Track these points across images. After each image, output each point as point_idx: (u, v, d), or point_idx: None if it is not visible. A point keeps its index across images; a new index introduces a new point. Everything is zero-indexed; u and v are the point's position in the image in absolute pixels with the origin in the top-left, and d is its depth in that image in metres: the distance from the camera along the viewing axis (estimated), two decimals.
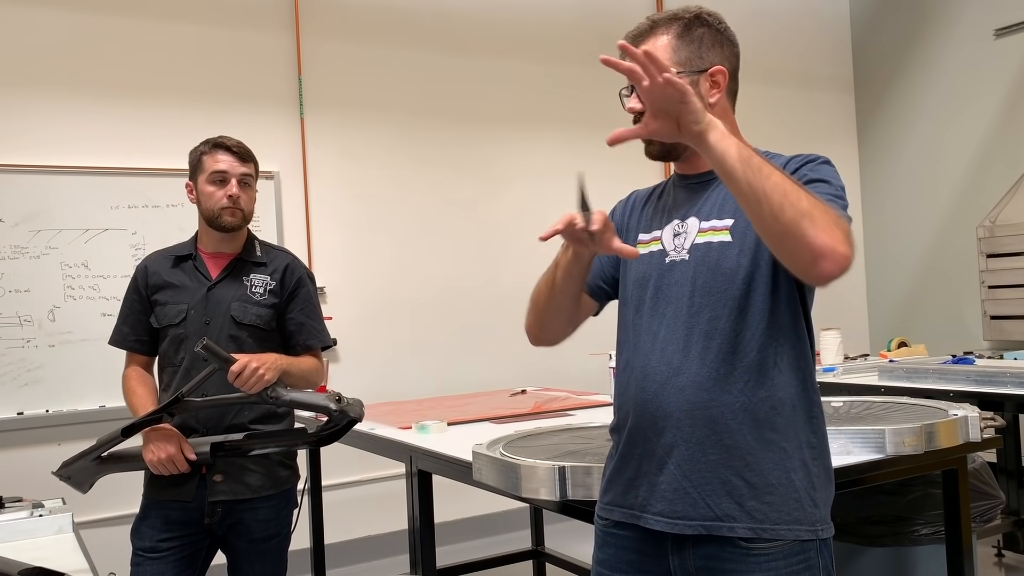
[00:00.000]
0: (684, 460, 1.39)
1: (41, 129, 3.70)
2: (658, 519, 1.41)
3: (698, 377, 1.39)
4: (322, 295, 4.20)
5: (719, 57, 1.48)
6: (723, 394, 1.38)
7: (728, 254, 1.40)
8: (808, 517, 1.37)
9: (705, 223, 1.45)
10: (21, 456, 3.55)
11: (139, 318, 2.34)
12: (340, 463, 3.86)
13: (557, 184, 4.76)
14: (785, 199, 1.20)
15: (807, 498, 1.37)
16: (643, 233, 1.56)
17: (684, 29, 1.47)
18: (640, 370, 1.47)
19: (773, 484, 1.36)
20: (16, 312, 3.60)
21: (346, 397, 2.17)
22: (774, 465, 1.37)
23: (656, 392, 1.43)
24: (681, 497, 1.39)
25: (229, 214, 2.28)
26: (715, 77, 1.47)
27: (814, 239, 1.19)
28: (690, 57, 1.46)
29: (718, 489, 1.37)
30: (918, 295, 5.58)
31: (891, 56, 5.71)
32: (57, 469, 2.20)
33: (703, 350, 1.40)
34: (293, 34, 4.24)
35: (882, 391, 3.14)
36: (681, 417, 1.40)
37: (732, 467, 1.37)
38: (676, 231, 1.49)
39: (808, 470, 1.39)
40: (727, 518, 1.36)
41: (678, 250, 1.47)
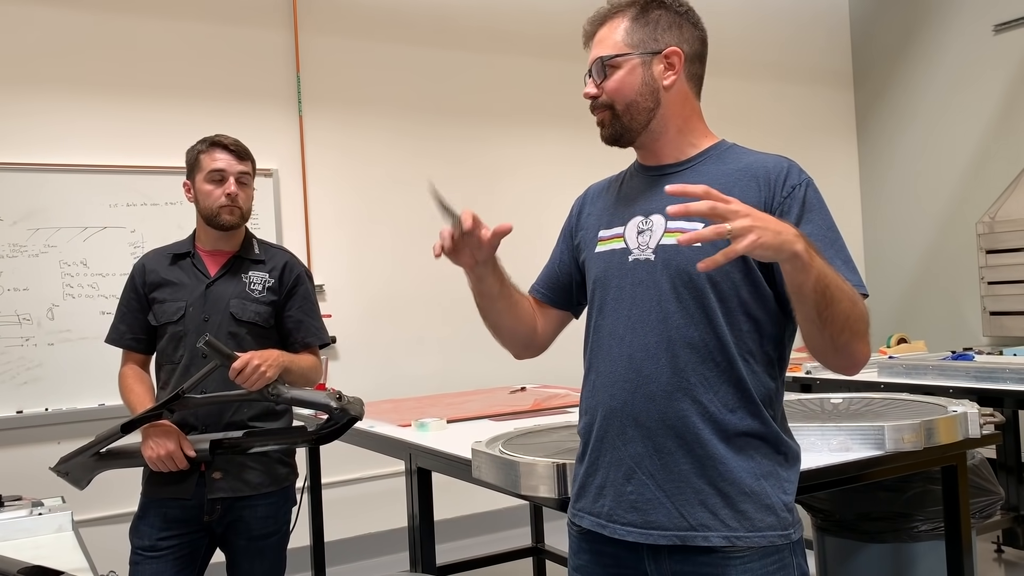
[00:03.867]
0: (656, 470, 1.38)
1: (39, 127, 3.70)
2: (630, 529, 1.39)
3: (668, 386, 1.37)
4: (321, 293, 4.19)
5: (676, 39, 1.44)
6: (693, 404, 1.36)
7: (695, 259, 1.32)
8: (781, 522, 1.36)
9: (672, 223, 1.40)
10: (20, 454, 3.55)
11: (136, 316, 2.33)
12: (339, 460, 3.86)
13: (557, 180, 4.76)
14: (846, 325, 1.27)
15: (779, 503, 1.37)
16: (604, 229, 1.52)
17: (640, 12, 1.45)
18: (607, 376, 1.45)
19: (746, 492, 1.35)
20: (15, 310, 3.60)
21: (346, 395, 2.17)
22: (746, 473, 1.35)
23: (625, 400, 1.41)
24: (654, 507, 1.38)
25: (227, 212, 2.28)
26: (670, 59, 1.44)
27: (858, 354, 1.32)
28: (643, 39, 1.44)
29: (691, 499, 1.36)
30: (917, 291, 5.58)
31: (890, 51, 5.71)
32: (55, 464, 2.20)
33: (672, 357, 1.37)
34: (291, 32, 4.23)
35: (881, 387, 3.14)
36: (652, 427, 1.38)
37: (705, 476, 1.36)
38: (640, 228, 1.45)
39: (779, 476, 1.38)
40: (702, 527, 1.35)
41: (642, 248, 1.43)
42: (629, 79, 1.43)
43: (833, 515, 2.37)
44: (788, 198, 1.36)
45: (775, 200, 1.36)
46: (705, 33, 1.49)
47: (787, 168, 1.39)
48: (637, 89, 1.43)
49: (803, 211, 1.36)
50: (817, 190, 1.40)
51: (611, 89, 1.44)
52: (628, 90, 1.43)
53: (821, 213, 1.37)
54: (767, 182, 1.38)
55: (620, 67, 1.44)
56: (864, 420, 2.00)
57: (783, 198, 1.36)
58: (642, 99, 1.43)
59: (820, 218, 1.37)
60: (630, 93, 1.43)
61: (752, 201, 1.35)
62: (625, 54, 1.43)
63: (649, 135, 1.46)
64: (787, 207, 1.36)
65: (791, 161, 1.42)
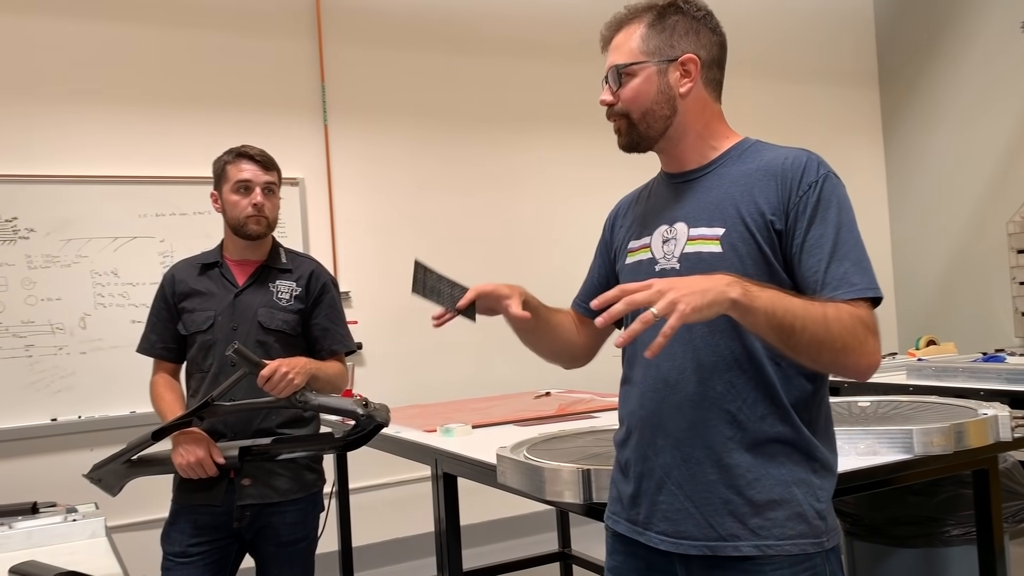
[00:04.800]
0: (684, 480, 1.37)
1: (71, 140, 3.76)
2: (662, 539, 1.39)
3: (694, 395, 1.37)
4: (347, 299, 4.22)
5: (693, 46, 1.43)
6: (720, 412, 1.35)
7: (719, 266, 1.34)
8: (813, 530, 1.34)
9: (694, 230, 1.40)
10: (55, 461, 3.61)
11: (166, 326, 2.37)
12: (366, 466, 3.88)
13: (580, 185, 4.76)
14: (822, 347, 1.24)
15: (811, 511, 1.35)
16: (633, 240, 1.53)
17: (657, 17, 1.44)
18: (638, 386, 1.45)
19: (775, 500, 1.33)
20: (49, 320, 3.66)
21: (372, 402, 2.18)
22: (775, 481, 1.34)
23: (653, 410, 1.41)
24: (684, 517, 1.37)
25: (254, 222, 2.31)
26: (686, 66, 1.42)
27: (853, 367, 1.27)
28: (660, 46, 1.42)
29: (720, 509, 1.35)
30: (947, 292, 5.51)
31: (916, 50, 5.65)
32: (88, 472, 2.24)
33: (698, 366, 1.37)
34: (316, 42, 4.27)
35: (911, 390, 3.10)
36: (679, 436, 1.38)
37: (733, 486, 1.34)
38: (665, 236, 1.45)
39: (811, 483, 1.36)
40: (731, 537, 1.34)
41: (668, 258, 1.43)
42: (645, 87, 1.42)
43: (862, 520, 2.35)
44: (803, 197, 1.34)
45: (791, 200, 1.35)
46: (723, 38, 1.48)
47: (805, 164, 1.37)
48: (653, 97, 1.42)
49: (816, 211, 1.34)
50: (836, 185, 1.37)
51: (627, 98, 1.44)
52: (644, 99, 1.43)
53: (836, 210, 1.34)
54: (784, 180, 1.36)
55: (636, 75, 1.43)
56: (892, 423, 1.98)
57: (798, 198, 1.35)
58: (658, 107, 1.43)
59: (833, 216, 1.34)
60: (646, 102, 1.43)
61: (772, 201, 1.35)
62: (641, 62, 1.43)
63: (668, 142, 1.46)
64: (801, 207, 1.34)
65: (811, 155, 1.39)
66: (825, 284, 1.30)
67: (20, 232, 3.64)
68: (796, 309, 1.23)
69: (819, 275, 1.31)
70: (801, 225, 1.34)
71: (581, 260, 1.66)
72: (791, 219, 1.34)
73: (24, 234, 3.64)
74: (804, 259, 1.33)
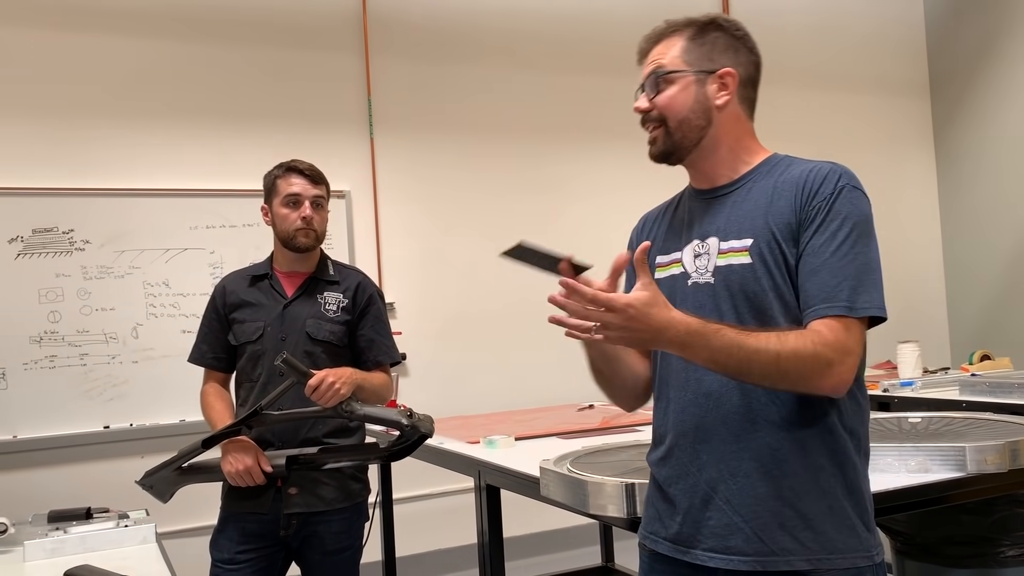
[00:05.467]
0: (733, 494, 1.36)
1: (124, 154, 3.86)
2: (711, 555, 1.37)
3: (740, 407, 1.36)
4: (392, 311, 4.26)
5: (732, 61, 1.44)
6: (767, 424, 1.34)
7: (750, 276, 1.35)
8: (864, 543, 1.33)
9: (724, 243, 1.40)
10: (107, 468, 3.70)
11: (217, 336, 2.42)
12: (410, 477, 3.90)
13: (624, 197, 4.75)
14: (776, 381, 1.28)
15: (860, 524, 1.34)
16: (661, 255, 1.52)
17: (698, 32, 1.46)
18: (677, 401, 1.44)
19: (827, 513, 1.32)
20: (103, 329, 3.75)
21: (417, 413, 2.20)
22: (825, 492, 1.33)
23: (696, 425, 1.40)
24: (733, 532, 1.35)
25: (303, 235, 2.35)
26: (724, 79, 1.43)
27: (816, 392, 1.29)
28: (699, 58, 1.44)
29: (771, 522, 1.33)
30: (1002, 305, 5.38)
31: (968, 59, 5.54)
32: (140, 479, 2.28)
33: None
34: (363, 57, 4.33)
35: (963, 406, 3.03)
36: (725, 450, 1.36)
37: (783, 498, 1.33)
38: (697, 251, 1.45)
39: (860, 495, 1.35)
40: (783, 552, 1.32)
41: (701, 272, 1.43)
42: (682, 95, 1.43)
43: (913, 538, 2.30)
44: (815, 207, 1.33)
45: (802, 211, 1.34)
46: (760, 59, 1.49)
47: (826, 175, 1.35)
48: (690, 106, 1.43)
49: (822, 221, 1.32)
50: (854, 198, 1.34)
51: (664, 104, 1.44)
52: (681, 106, 1.43)
53: (842, 222, 1.32)
54: (803, 189, 1.36)
55: (674, 83, 1.44)
56: (944, 440, 1.94)
57: (812, 207, 1.34)
58: (694, 116, 1.43)
59: (837, 227, 1.32)
60: (682, 109, 1.43)
61: (793, 209, 1.35)
62: (680, 70, 1.43)
63: (700, 153, 1.46)
64: (811, 216, 1.33)
65: (836, 167, 1.37)
66: (810, 295, 1.31)
67: (76, 244, 3.74)
68: (743, 355, 1.25)
69: (807, 285, 1.31)
70: (806, 234, 1.33)
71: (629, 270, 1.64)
72: (802, 228, 1.34)
73: (80, 246, 3.74)
74: (801, 267, 1.33)
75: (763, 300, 1.35)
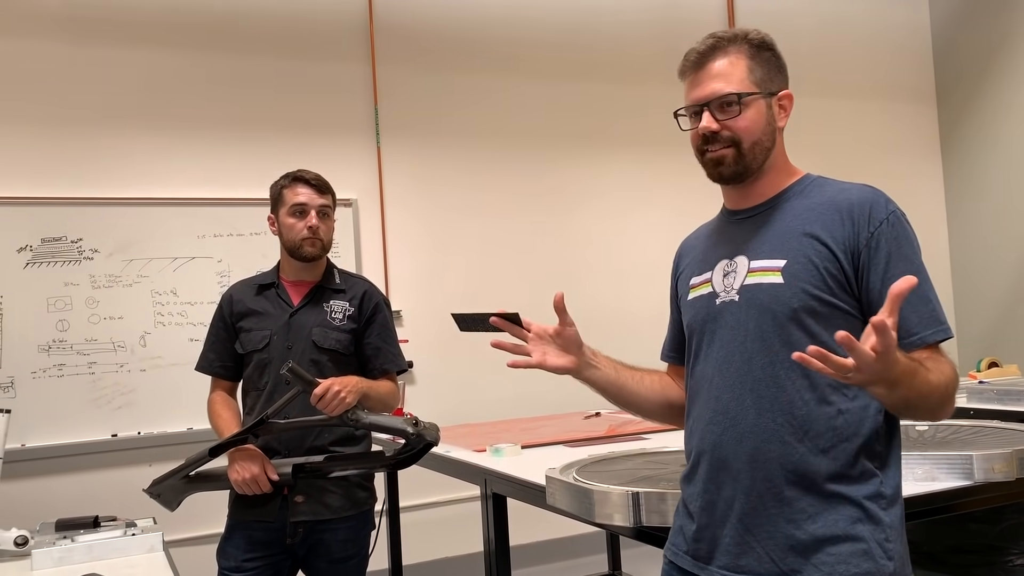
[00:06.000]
0: (745, 514, 1.36)
1: (132, 163, 3.88)
2: (725, 573, 1.38)
3: (755, 428, 1.36)
4: (398, 318, 4.27)
5: (784, 82, 1.46)
6: (781, 445, 1.34)
7: (779, 296, 1.35)
8: (880, 569, 1.30)
9: (755, 262, 1.40)
10: (115, 476, 3.71)
11: (224, 345, 2.43)
12: (416, 485, 3.90)
13: (628, 205, 4.75)
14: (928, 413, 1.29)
15: (878, 549, 1.31)
16: (695, 276, 1.53)
17: (756, 50, 1.44)
18: (700, 419, 1.45)
19: (839, 535, 1.31)
20: (111, 338, 3.77)
21: (423, 421, 2.20)
22: (839, 516, 1.31)
23: (715, 443, 1.41)
24: (746, 551, 1.36)
25: (309, 244, 2.36)
26: (782, 101, 1.45)
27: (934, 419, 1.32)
28: (763, 79, 1.43)
29: (782, 543, 1.33)
30: (1010, 313, 5.36)
31: (974, 65, 5.53)
32: (148, 487, 2.29)
33: (758, 399, 1.36)
34: (369, 65, 4.35)
35: (971, 414, 3.02)
36: (740, 469, 1.37)
37: (794, 520, 1.32)
38: (725, 270, 1.45)
39: (878, 519, 1.32)
40: (793, 573, 1.32)
41: (728, 291, 1.43)
42: (757, 117, 1.42)
43: (921, 547, 2.29)
44: (875, 233, 1.34)
45: (861, 236, 1.34)
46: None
47: (872, 200, 1.36)
48: (762, 128, 1.43)
49: (893, 248, 1.33)
50: (905, 223, 1.36)
51: (741, 127, 1.41)
52: (756, 128, 1.42)
53: (911, 248, 1.35)
54: (850, 216, 1.35)
55: (750, 105, 1.42)
56: (951, 448, 1.93)
57: (870, 233, 1.34)
58: (765, 138, 1.43)
59: (909, 253, 1.34)
60: (757, 131, 1.42)
61: (838, 236, 1.34)
62: (755, 93, 1.42)
63: (760, 173, 1.46)
64: (875, 244, 1.33)
65: (876, 191, 1.38)
66: (916, 323, 1.31)
67: (85, 253, 3.76)
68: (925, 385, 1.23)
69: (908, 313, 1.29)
70: (878, 262, 1.32)
71: (634, 279, 1.66)
72: (863, 256, 1.33)
73: (88, 255, 3.76)
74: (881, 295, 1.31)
75: (788, 321, 1.35)
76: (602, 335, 4.24)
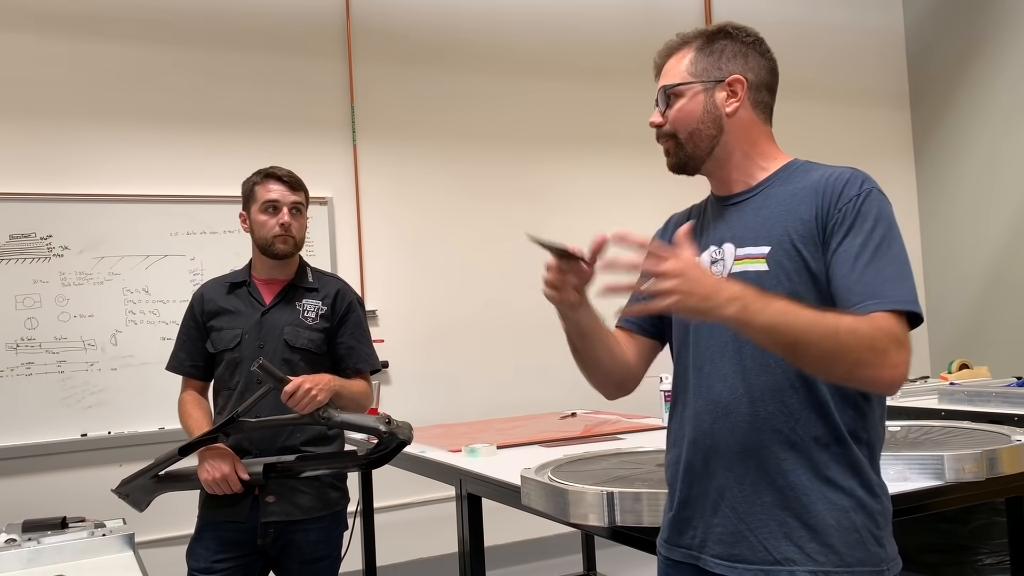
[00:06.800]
0: (738, 502, 1.36)
1: (104, 159, 3.83)
2: (717, 562, 1.38)
3: (747, 416, 1.36)
4: (373, 318, 4.25)
5: (741, 68, 1.45)
6: (774, 434, 1.34)
7: (765, 284, 1.34)
8: (873, 557, 1.32)
9: (741, 250, 1.41)
10: (84, 477, 3.65)
11: (195, 344, 2.40)
12: (391, 485, 3.88)
13: (606, 205, 4.76)
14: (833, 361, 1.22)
15: (870, 538, 1.32)
16: None
17: (706, 42, 1.47)
18: (690, 408, 1.45)
19: (832, 525, 1.31)
20: (81, 336, 3.72)
21: (395, 419, 2.19)
22: (832, 505, 1.32)
23: (706, 432, 1.40)
24: (739, 540, 1.36)
25: (281, 241, 2.33)
26: (733, 86, 1.45)
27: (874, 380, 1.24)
28: (707, 68, 1.45)
29: (776, 532, 1.33)
30: (980, 316, 5.43)
31: (948, 70, 5.60)
32: (116, 487, 2.26)
33: (749, 387, 1.36)
34: (346, 63, 4.33)
35: (942, 415, 3.05)
36: (732, 458, 1.37)
37: (789, 509, 1.33)
38: (713, 257, 1.45)
39: (870, 509, 1.33)
40: (787, 562, 1.32)
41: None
42: (691, 107, 1.45)
43: None
44: (842, 210, 1.34)
45: (829, 213, 1.34)
46: (774, 63, 1.51)
47: (848, 179, 1.36)
48: (699, 117, 1.44)
49: (854, 222, 1.33)
50: (880, 200, 1.36)
51: (674, 118, 1.46)
52: (690, 118, 1.45)
53: (874, 222, 1.33)
54: (825, 194, 1.36)
55: (683, 95, 1.45)
56: (923, 449, 1.94)
57: (837, 210, 1.34)
58: (704, 127, 1.44)
59: (870, 227, 1.32)
60: (692, 121, 1.45)
61: (814, 214, 1.35)
62: (687, 83, 1.45)
63: (714, 162, 1.47)
64: (839, 219, 1.33)
65: (856, 171, 1.39)
66: (854, 293, 1.28)
67: (55, 250, 3.70)
68: (801, 324, 1.21)
69: (849, 284, 1.29)
70: (837, 236, 1.33)
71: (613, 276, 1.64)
72: (829, 231, 1.34)
73: (58, 252, 3.70)
74: (837, 268, 1.32)
75: None
76: None
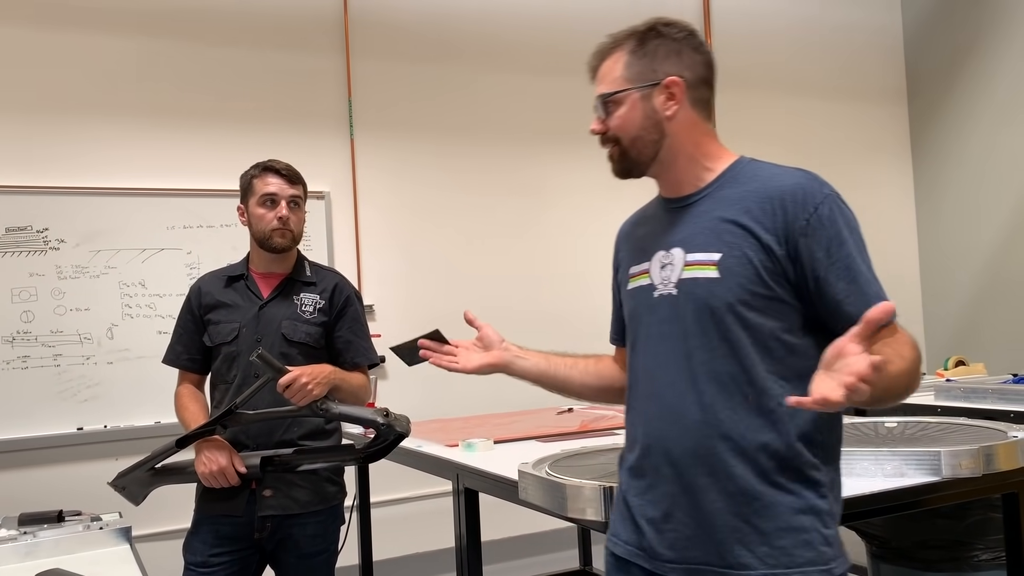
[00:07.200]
0: (690, 507, 1.36)
1: (101, 153, 3.82)
2: (672, 566, 1.38)
3: (698, 422, 1.36)
4: (371, 313, 4.24)
5: (676, 67, 1.42)
6: (723, 439, 1.34)
7: (715, 291, 1.34)
8: (821, 557, 1.33)
9: (691, 255, 1.39)
10: (81, 470, 3.65)
11: (192, 337, 2.39)
12: (388, 480, 3.88)
13: (603, 200, 4.75)
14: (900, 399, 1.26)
15: (818, 538, 1.33)
16: (633, 265, 1.52)
17: (638, 44, 1.45)
18: (642, 413, 1.45)
19: (783, 528, 1.32)
20: (77, 330, 3.71)
21: (393, 412, 2.19)
22: (782, 508, 1.32)
23: (658, 438, 1.41)
24: (693, 545, 1.36)
25: (279, 235, 2.33)
26: (670, 89, 1.42)
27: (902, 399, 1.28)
28: (642, 71, 1.43)
29: (728, 537, 1.33)
30: (977, 312, 5.44)
31: (946, 66, 5.60)
32: (112, 480, 2.26)
33: (699, 393, 1.36)
34: (343, 57, 4.31)
35: (938, 411, 3.06)
36: (684, 464, 1.37)
37: (739, 513, 1.33)
38: (663, 262, 1.44)
39: (819, 510, 1.34)
40: (739, 566, 1.33)
41: (665, 284, 1.42)
42: (631, 114, 1.43)
43: (889, 542, 2.31)
44: (810, 220, 1.32)
45: (796, 224, 1.32)
46: (709, 56, 1.47)
47: (805, 186, 1.34)
48: (640, 123, 1.43)
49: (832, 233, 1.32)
50: (840, 204, 1.35)
51: (615, 125, 1.45)
52: (631, 125, 1.43)
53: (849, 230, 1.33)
54: (782, 205, 1.33)
55: (622, 103, 1.44)
56: (920, 445, 1.95)
57: (805, 221, 1.32)
58: (646, 132, 1.43)
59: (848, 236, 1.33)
60: (633, 128, 1.43)
61: (771, 227, 1.33)
62: (624, 90, 1.43)
63: (660, 166, 1.46)
64: (812, 231, 1.32)
65: (810, 175, 1.37)
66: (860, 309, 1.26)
67: (51, 243, 3.69)
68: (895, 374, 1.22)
69: (853, 298, 1.30)
70: (819, 249, 1.31)
71: (607, 271, 1.65)
72: (801, 244, 1.32)
73: (55, 245, 3.69)
74: (833, 282, 1.31)
75: (726, 315, 1.34)
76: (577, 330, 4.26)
